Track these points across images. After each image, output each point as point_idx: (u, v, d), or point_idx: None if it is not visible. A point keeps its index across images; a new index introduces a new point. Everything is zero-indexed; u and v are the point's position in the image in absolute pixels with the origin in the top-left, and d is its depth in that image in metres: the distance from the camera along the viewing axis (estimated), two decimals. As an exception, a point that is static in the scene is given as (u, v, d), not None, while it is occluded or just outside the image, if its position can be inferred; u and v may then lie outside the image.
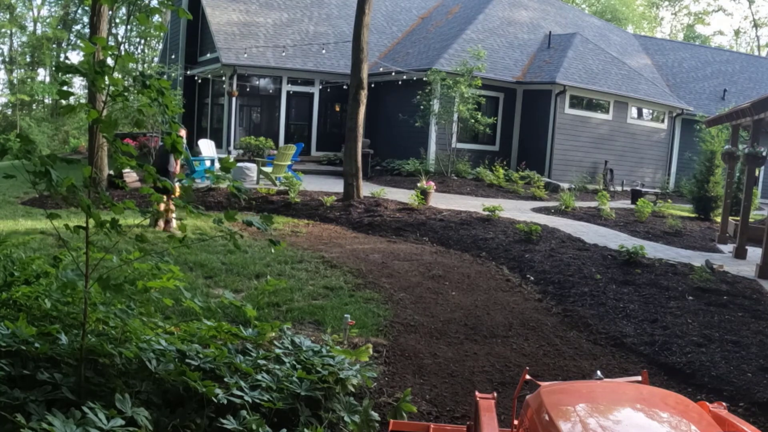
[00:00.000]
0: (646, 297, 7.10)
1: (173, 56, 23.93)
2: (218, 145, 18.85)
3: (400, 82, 19.63)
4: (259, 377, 3.37)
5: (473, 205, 13.11)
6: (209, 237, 8.83)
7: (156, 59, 35.05)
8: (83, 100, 15.95)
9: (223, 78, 20.37)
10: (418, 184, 13.38)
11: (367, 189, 13.79)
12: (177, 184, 8.92)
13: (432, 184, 13.72)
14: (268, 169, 15.03)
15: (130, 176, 13.62)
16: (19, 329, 3.11)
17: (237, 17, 21.61)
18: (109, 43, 3.29)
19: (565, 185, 18.51)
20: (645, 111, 21.77)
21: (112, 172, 13.19)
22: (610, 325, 6.16)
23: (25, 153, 2.73)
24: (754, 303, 7.17)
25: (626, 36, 28.72)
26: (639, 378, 2.64)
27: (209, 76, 21.69)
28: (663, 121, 22.10)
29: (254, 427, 2.96)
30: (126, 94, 2.99)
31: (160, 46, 32.97)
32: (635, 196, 16.63)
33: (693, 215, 14.99)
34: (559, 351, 5.44)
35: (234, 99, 20.19)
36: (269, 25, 21.91)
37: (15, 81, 40.28)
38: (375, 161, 19.29)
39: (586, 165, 19.80)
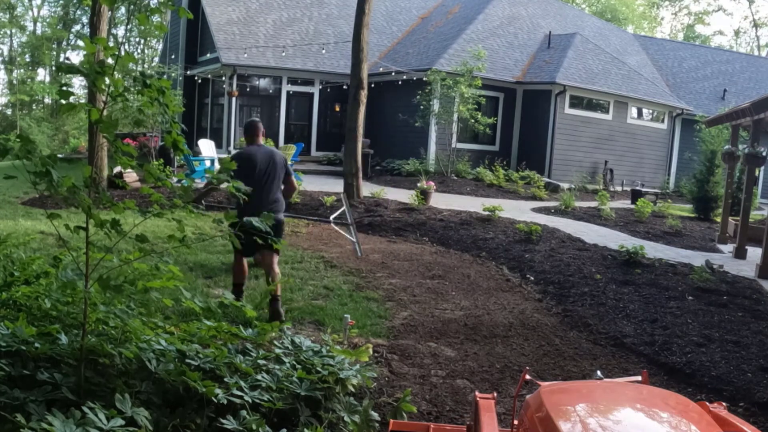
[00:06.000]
0: (646, 297, 7.10)
1: (173, 56, 23.93)
2: (218, 145, 18.84)
3: (400, 82, 19.63)
4: (259, 377, 3.37)
5: (473, 205, 13.11)
6: (209, 237, 8.82)
7: (156, 59, 35.06)
8: (83, 100, 15.95)
9: (223, 78, 20.37)
10: (418, 184, 13.38)
11: (367, 189, 13.79)
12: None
13: (432, 184, 13.72)
14: (268, 169, 14.99)
15: (130, 176, 13.62)
16: (19, 329, 3.11)
17: (237, 17, 21.61)
18: (109, 43, 3.29)
19: (565, 185, 18.51)
20: (645, 111, 21.78)
21: (113, 171, 13.19)
22: (610, 325, 6.16)
23: (26, 153, 2.73)
24: (754, 303, 7.17)
25: (626, 36, 28.72)
26: (639, 378, 2.64)
27: (209, 76, 21.69)
28: (663, 121, 22.10)
29: (254, 427, 2.96)
30: (126, 94, 2.98)
31: (160, 46, 32.98)
32: (635, 196, 16.63)
33: (693, 215, 14.99)
34: (559, 351, 5.44)
35: (234, 99, 20.18)
36: (269, 25, 21.91)
37: (15, 81, 40.28)
38: (375, 161, 19.29)
39: (586, 165, 19.80)
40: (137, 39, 41.77)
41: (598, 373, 2.78)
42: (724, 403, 2.36)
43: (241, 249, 5.25)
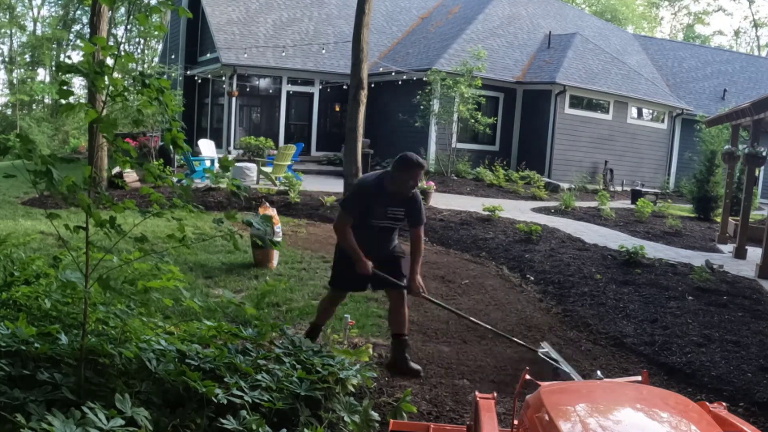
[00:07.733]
0: (646, 297, 7.09)
1: (173, 56, 23.93)
2: (218, 145, 18.84)
3: (400, 82, 19.62)
4: (259, 377, 3.37)
5: (473, 205, 13.11)
6: (209, 237, 8.82)
7: (156, 59, 35.03)
8: (83, 100, 15.96)
9: (223, 78, 20.36)
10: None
11: (367, 189, 13.75)
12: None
13: (432, 184, 13.72)
14: (268, 169, 15.02)
15: (130, 176, 13.61)
16: (19, 329, 3.11)
17: (237, 17, 21.61)
18: (109, 43, 3.29)
19: (565, 185, 18.51)
20: (645, 111, 21.77)
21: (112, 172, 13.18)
22: (610, 325, 6.16)
23: (27, 152, 2.72)
24: (754, 303, 7.17)
25: (626, 36, 28.71)
26: (639, 378, 2.63)
27: (209, 76, 21.69)
28: (663, 121, 22.09)
29: (254, 427, 2.96)
30: (126, 94, 2.98)
31: (160, 46, 32.95)
32: (635, 196, 16.63)
33: (693, 215, 14.99)
34: (559, 351, 5.44)
35: (234, 99, 20.18)
36: (269, 25, 21.91)
37: (15, 81, 40.28)
38: (375, 161, 19.27)
39: (586, 165, 19.79)
40: (137, 39, 41.75)
41: (598, 373, 2.78)
42: (724, 403, 2.36)
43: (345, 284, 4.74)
